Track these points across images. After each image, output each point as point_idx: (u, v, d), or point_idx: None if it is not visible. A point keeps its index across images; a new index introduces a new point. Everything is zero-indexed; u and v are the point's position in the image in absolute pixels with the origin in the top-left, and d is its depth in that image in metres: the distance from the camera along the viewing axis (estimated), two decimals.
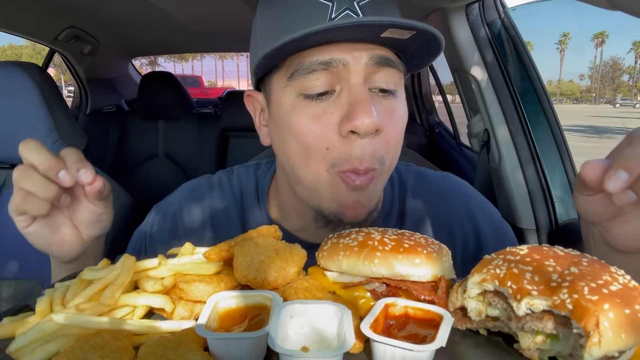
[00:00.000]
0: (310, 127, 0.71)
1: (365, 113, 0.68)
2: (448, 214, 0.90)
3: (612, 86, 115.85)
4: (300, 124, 0.72)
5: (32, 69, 1.62)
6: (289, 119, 0.73)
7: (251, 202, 0.93)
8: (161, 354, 0.42)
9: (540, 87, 1.70)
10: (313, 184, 0.75)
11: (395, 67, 0.74)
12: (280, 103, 0.75)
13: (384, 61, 0.72)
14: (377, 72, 0.72)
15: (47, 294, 0.55)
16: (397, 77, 0.76)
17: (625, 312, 0.41)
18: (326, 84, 0.71)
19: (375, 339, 0.44)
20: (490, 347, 0.49)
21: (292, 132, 0.73)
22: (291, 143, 0.74)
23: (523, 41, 1.71)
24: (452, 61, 1.88)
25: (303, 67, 0.70)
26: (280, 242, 0.59)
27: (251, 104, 0.86)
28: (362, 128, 0.68)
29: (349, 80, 0.71)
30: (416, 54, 0.75)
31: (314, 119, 0.71)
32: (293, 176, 0.78)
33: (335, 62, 0.69)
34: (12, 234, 1.74)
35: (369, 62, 0.71)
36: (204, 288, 0.53)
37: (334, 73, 0.70)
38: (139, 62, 44.71)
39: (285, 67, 0.73)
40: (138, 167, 3.03)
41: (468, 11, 1.70)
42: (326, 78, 0.70)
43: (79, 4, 2.18)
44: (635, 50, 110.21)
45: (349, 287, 0.56)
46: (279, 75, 0.74)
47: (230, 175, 0.97)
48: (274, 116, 0.78)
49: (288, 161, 0.77)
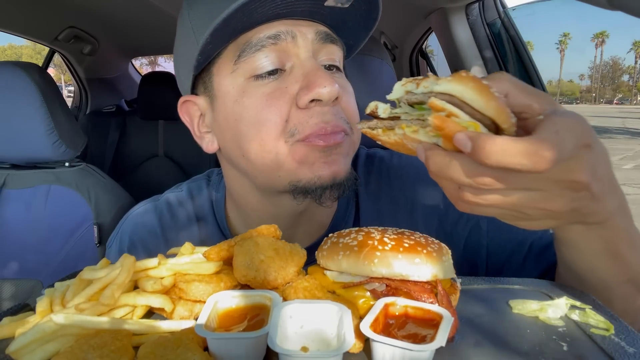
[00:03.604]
0: (265, 104, 0.70)
1: (326, 80, 0.69)
2: (405, 194, 0.88)
3: (612, 86, 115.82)
4: (253, 104, 0.70)
5: (32, 69, 1.62)
6: (240, 104, 0.71)
7: (208, 220, 0.90)
8: (161, 353, 0.42)
9: (541, 87, 1.70)
10: (275, 163, 0.72)
11: (337, 45, 0.77)
12: (228, 92, 0.73)
13: (327, 37, 0.74)
14: (323, 49, 0.74)
15: (47, 294, 0.55)
16: (340, 54, 0.78)
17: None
18: (276, 62, 0.70)
19: (375, 338, 0.44)
20: (491, 346, 0.49)
21: (244, 116, 0.71)
22: (244, 130, 0.71)
23: (523, 41, 1.71)
24: (452, 61, 1.88)
25: (251, 45, 0.69)
26: (280, 242, 0.59)
27: (186, 113, 0.81)
28: (326, 94, 0.68)
29: (299, 55, 0.72)
30: (352, 30, 0.78)
31: (267, 97, 0.70)
32: (252, 170, 0.75)
33: (283, 35, 0.70)
34: (12, 234, 1.75)
35: (315, 38, 0.73)
36: (203, 288, 0.53)
37: (282, 49, 0.70)
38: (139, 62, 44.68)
39: (229, 51, 0.72)
40: (138, 167, 3.02)
41: (468, 11, 1.70)
42: (276, 55, 0.70)
43: (79, 4, 2.18)
44: (635, 50, 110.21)
45: (348, 286, 0.56)
46: (223, 63, 0.73)
47: (180, 194, 0.93)
48: (220, 110, 0.75)
49: (243, 154, 0.73)
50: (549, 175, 0.44)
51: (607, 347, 0.48)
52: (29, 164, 1.72)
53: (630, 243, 0.58)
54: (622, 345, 0.49)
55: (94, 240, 1.70)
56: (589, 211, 0.50)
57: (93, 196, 1.72)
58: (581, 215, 0.50)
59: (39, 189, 1.70)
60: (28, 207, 1.68)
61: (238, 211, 0.89)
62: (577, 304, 0.57)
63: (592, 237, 0.56)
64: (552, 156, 0.41)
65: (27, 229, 1.68)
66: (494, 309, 0.58)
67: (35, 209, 1.69)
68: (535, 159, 0.41)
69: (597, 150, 0.47)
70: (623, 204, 0.55)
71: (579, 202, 0.48)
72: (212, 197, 0.92)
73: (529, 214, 0.48)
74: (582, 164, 0.45)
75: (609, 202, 0.51)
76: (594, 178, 0.46)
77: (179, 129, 3.02)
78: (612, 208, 0.52)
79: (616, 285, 0.62)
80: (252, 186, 0.81)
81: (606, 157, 0.49)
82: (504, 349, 0.49)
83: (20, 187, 1.70)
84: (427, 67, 2.72)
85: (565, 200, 0.47)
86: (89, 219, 1.71)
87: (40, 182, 1.70)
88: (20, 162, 1.71)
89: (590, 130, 0.46)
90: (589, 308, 0.56)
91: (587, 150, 0.45)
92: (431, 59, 2.68)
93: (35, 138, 1.60)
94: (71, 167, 1.75)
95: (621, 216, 0.55)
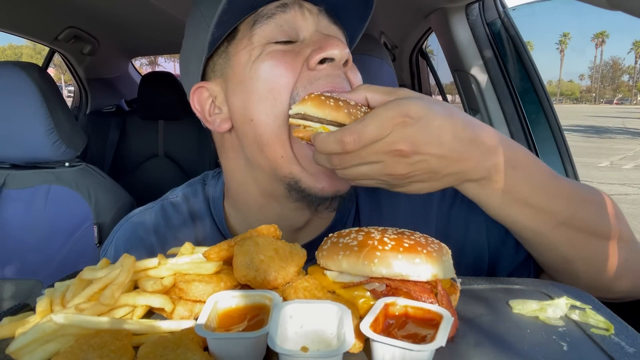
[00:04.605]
0: (279, 62, 0.73)
1: (339, 42, 0.73)
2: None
3: (612, 86, 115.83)
4: (268, 63, 0.73)
5: (32, 69, 1.62)
6: (256, 64, 0.74)
7: (206, 222, 0.90)
8: (161, 353, 0.42)
9: (540, 87, 1.69)
10: (282, 131, 0.73)
11: (339, 28, 0.81)
12: (245, 59, 0.75)
13: (330, 17, 0.80)
14: (328, 28, 0.79)
15: (47, 294, 0.54)
16: (343, 38, 0.82)
17: None
18: (289, 33, 0.75)
19: (375, 338, 0.44)
20: (491, 346, 0.49)
21: (260, 75, 0.73)
22: (257, 88, 0.73)
23: (523, 41, 1.71)
24: (452, 61, 1.88)
25: (262, 15, 0.74)
26: (280, 242, 0.59)
27: (197, 101, 0.83)
28: (338, 53, 0.72)
29: (308, 28, 0.76)
30: (348, 20, 0.83)
31: (282, 55, 0.73)
32: (255, 139, 0.76)
33: (291, 4, 0.75)
34: (12, 234, 1.75)
35: (319, 14, 0.78)
36: (203, 288, 0.53)
37: (292, 19, 0.75)
38: (139, 62, 44.69)
39: (242, 31, 0.76)
40: (138, 167, 3.02)
41: (468, 11, 1.70)
42: (288, 25, 0.75)
43: (79, 4, 2.18)
44: (635, 50, 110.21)
45: (348, 286, 0.56)
46: (239, 40, 0.76)
47: (176, 200, 0.93)
48: (236, 78, 0.77)
49: (252, 117, 0.75)
50: (376, 149, 0.59)
51: (607, 347, 0.48)
52: (29, 164, 1.72)
53: (540, 190, 0.66)
54: (622, 345, 0.49)
55: (94, 240, 1.70)
56: (455, 170, 0.62)
57: (93, 196, 1.72)
58: (456, 175, 0.63)
59: (39, 189, 1.70)
60: (28, 207, 1.68)
61: (237, 210, 0.89)
62: (577, 304, 0.57)
63: (488, 191, 0.65)
64: (351, 139, 0.58)
65: (27, 229, 1.68)
66: (494, 309, 0.58)
67: (35, 209, 1.69)
68: (341, 143, 0.59)
69: (420, 124, 0.58)
70: (514, 157, 0.64)
71: (420, 164, 0.60)
72: (209, 199, 0.92)
73: (388, 180, 0.63)
74: (396, 137, 0.58)
75: (481, 161, 0.62)
76: (418, 145, 0.58)
77: (179, 129, 3.02)
78: (489, 164, 0.63)
79: (549, 231, 0.68)
80: (257, 180, 0.82)
81: (452, 124, 0.60)
82: (504, 349, 0.49)
83: (20, 187, 1.70)
84: (427, 67, 2.72)
85: (402, 165, 0.60)
86: (89, 219, 1.71)
87: (40, 182, 1.71)
88: (20, 162, 1.71)
89: (409, 110, 0.58)
90: (589, 308, 0.56)
91: (402, 125, 0.58)
92: (431, 59, 2.68)
93: (35, 138, 1.60)
94: (71, 167, 1.75)
95: (512, 169, 0.64)
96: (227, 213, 0.91)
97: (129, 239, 0.90)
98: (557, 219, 0.67)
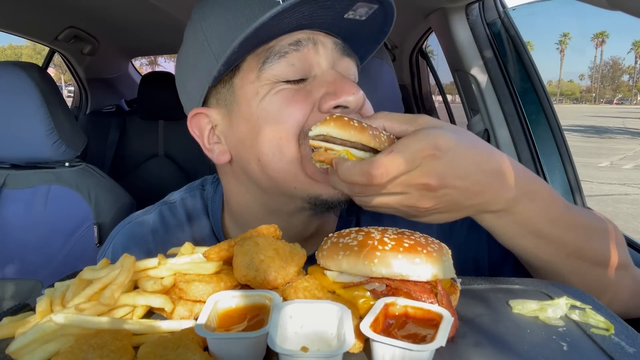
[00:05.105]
0: (288, 102, 0.71)
1: (353, 87, 0.70)
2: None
3: (612, 86, 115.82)
4: (277, 102, 0.71)
5: (32, 69, 1.62)
6: (264, 102, 0.71)
7: (204, 230, 0.89)
8: (161, 353, 0.42)
9: (540, 87, 1.69)
10: (292, 168, 0.72)
11: (353, 60, 0.78)
12: (252, 95, 0.72)
13: (345, 50, 0.76)
14: (340, 62, 0.76)
15: (47, 294, 0.54)
16: (355, 69, 0.80)
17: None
18: (300, 71, 0.72)
19: (375, 338, 0.44)
20: (491, 346, 0.49)
21: (268, 114, 0.71)
22: (264, 127, 0.71)
23: (523, 41, 1.71)
24: (452, 61, 1.88)
25: (274, 52, 0.71)
26: (280, 242, 0.59)
27: (196, 126, 0.81)
28: (353, 101, 0.70)
29: (321, 64, 0.73)
30: (362, 44, 0.81)
31: (292, 95, 0.71)
32: (265, 180, 0.75)
33: (304, 42, 0.71)
34: (12, 234, 1.75)
35: (334, 48, 0.75)
36: (203, 288, 0.53)
37: (304, 57, 0.71)
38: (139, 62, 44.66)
39: (250, 62, 0.72)
40: (138, 167, 3.02)
41: (468, 11, 1.70)
42: (300, 64, 0.71)
43: (79, 4, 2.18)
44: (635, 50, 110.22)
45: (348, 286, 0.56)
46: (246, 72, 0.73)
47: (174, 205, 0.93)
48: (242, 114, 0.74)
49: (259, 157, 0.73)
50: (403, 181, 0.57)
51: (607, 347, 0.48)
52: (29, 164, 1.72)
53: (554, 222, 0.66)
54: (622, 345, 0.49)
55: (94, 240, 1.70)
56: (476, 202, 0.61)
57: (93, 196, 1.72)
58: (476, 207, 0.62)
59: (39, 189, 1.70)
60: (28, 207, 1.69)
61: (237, 223, 0.88)
62: (577, 304, 0.57)
63: (504, 222, 0.65)
64: (379, 172, 0.55)
65: (27, 229, 1.68)
66: (494, 309, 0.58)
67: (35, 209, 1.69)
68: (367, 176, 0.55)
69: (448, 156, 0.56)
70: (531, 189, 0.64)
71: (445, 197, 0.59)
72: (207, 206, 0.92)
73: (410, 212, 0.62)
74: (425, 171, 0.56)
75: (501, 193, 0.61)
76: (445, 178, 0.57)
77: (179, 129, 3.02)
78: (509, 196, 0.62)
79: (559, 261, 0.68)
80: (260, 203, 0.81)
81: (476, 156, 0.59)
82: (504, 349, 0.49)
83: (21, 187, 1.70)
84: (427, 67, 2.72)
85: (428, 198, 0.58)
86: (89, 219, 1.71)
87: (40, 182, 1.71)
88: (20, 162, 1.71)
89: (438, 142, 0.56)
90: (589, 308, 0.56)
91: (430, 159, 0.56)
92: (431, 59, 2.68)
93: (35, 138, 1.60)
94: (71, 167, 1.75)
95: (529, 201, 0.64)
96: (225, 223, 0.91)
97: (127, 242, 0.90)
98: (567, 250, 0.67)
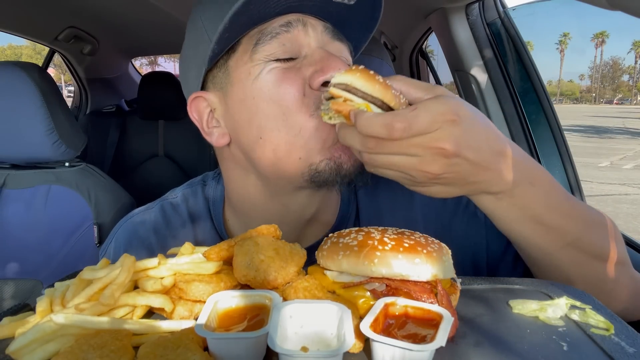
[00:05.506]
0: (281, 78, 0.72)
1: (340, 63, 0.71)
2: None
3: (612, 86, 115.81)
4: (271, 79, 0.72)
5: (32, 69, 1.62)
6: (258, 81, 0.73)
7: (205, 226, 0.89)
8: (161, 353, 0.42)
9: (540, 87, 1.69)
10: (300, 139, 0.72)
11: (344, 43, 0.79)
12: (246, 75, 0.74)
13: (335, 34, 0.78)
14: (332, 44, 0.77)
15: (47, 294, 0.55)
16: (347, 53, 0.80)
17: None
18: (292, 51, 0.74)
19: (375, 338, 0.44)
20: (491, 346, 0.49)
21: (264, 92, 0.72)
22: (263, 106, 0.73)
23: (523, 41, 1.71)
24: (452, 61, 1.88)
25: (265, 33, 0.73)
26: (280, 242, 0.59)
27: (195, 111, 0.82)
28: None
29: (310, 44, 0.75)
30: (353, 31, 0.82)
31: (284, 72, 0.73)
32: (268, 158, 0.75)
33: (294, 22, 0.73)
34: (12, 234, 1.75)
35: (324, 31, 0.76)
36: (203, 288, 0.53)
37: (294, 37, 0.73)
38: (139, 62, 44.65)
39: (244, 44, 0.75)
40: (138, 167, 3.02)
41: (468, 11, 1.70)
42: (290, 44, 0.73)
43: (79, 4, 2.18)
44: (635, 50, 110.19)
45: (348, 286, 0.56)
46: (240, 54, 0.75)
47: (175, 200, 0.93)
48: (237, 94, 0.75)
49: (261, 135, 0.74)
50: (419, 142, 0.56)
51: (607, 347, 0.48)
52: (29, 164, 1.72)
53: (554, 210, 0.66)
54: (622, 345, 0.49)
55: (94, 240, 1.70)
56: (480, 179, 0.60)
57: (93, 196, 1.72)
58: (478, 185, 0.61)
59: (39, 189, 1.70)
60: (28, 207, 1.68)
61: (238, 217, 0.89)
62: (577, 304, 0.57)
63: (504, 205, 0.65)
64: (402, 126, 0.54)
65: (27, 229, 1.68)
66: (494, 309, 0.58)
67: (35, 209, 1.69)
68: (389, 128, 0.55)
69: (466, 125, 0.56)
70: (532, 175, 0.64)
71: (454, 167, 0.58)
72: (209, 201, 0.92)
73: (416, 177, 0.59)
74: (444, 135, 0.55)
75: (504, 173, 0.61)
76: (461, 147, 0.56)
77: (179, 129, 3.02)
78: (511, 179, 0.61)
79: (556, 251, 0.68)
80: (260, 185, 0.81)
81: (488, 133, 0.59)
82: (504, 349, 0.49)
83: (20, 187, 1.70)
84: (427, 67, 2.72)
85: (439, 164, 0.57)
86: (89, 219, 1.71)
87: (40, 182, 1.70)
88: (20, 162, 1.71)
89: (459, 110, 0.56)
90: (589, 308, 0.56)
91: (451, 124, 0.55)
92: (431, 59, 2.68)
93: (35, 138, 1.60)
94: (71, 167, 1.75)
95: (530, 185, 0.64)
96: (226, 217, 0.91)
97: (129, 239, 0.90)
98: (566, 239, 0.67)
